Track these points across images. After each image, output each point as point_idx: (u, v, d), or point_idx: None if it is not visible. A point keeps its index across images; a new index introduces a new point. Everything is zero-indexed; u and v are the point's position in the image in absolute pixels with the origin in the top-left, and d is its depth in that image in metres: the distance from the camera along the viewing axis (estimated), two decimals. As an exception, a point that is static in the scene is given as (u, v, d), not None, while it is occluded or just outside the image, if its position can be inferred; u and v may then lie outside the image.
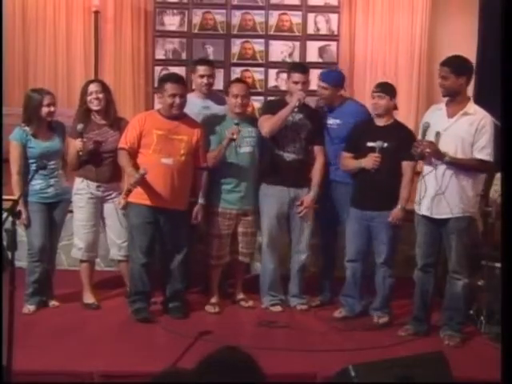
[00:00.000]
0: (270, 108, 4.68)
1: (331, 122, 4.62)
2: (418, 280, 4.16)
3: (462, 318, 4.10)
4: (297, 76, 4.52)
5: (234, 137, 4.37)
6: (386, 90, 4.34)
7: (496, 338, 3.93)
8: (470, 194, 3.97)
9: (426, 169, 4.02)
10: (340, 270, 4.76)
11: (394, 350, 3.76)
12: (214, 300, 4.60)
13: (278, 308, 4.59)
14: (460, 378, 3.02)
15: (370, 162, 4.25)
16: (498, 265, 4.09)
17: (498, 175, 4.45)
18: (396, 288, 4.42)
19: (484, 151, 3.88)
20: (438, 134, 3.95)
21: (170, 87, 4.29)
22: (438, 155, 3.92)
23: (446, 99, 4.06)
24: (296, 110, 4.42)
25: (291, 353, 3.77)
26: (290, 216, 4.62)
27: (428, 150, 3.92)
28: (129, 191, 4.21)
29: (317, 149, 4.60)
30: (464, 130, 3.91)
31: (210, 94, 4.85)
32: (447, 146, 3.93)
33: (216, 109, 4.76)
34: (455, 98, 3.97)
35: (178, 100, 4.28)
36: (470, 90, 6.15)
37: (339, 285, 4.63)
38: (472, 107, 3.97)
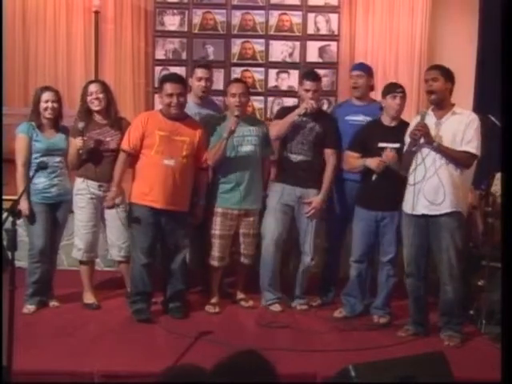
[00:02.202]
0: (281, 114, 4.71)
1: (361, 118, 4.59)
2: (410, 284, 4.14)
3: (460, 318, 4.09)
4: (308, 84, 4.53)
5: (235, 123, 4.35)
6: (404, 91, 4.38)
7: (496, 338, 3.93)
8: (460, 189, 3.98)
9: (424, 151, 4.00)
10: (340, 269, 4.77)
11: (394, 350, 3.75)
12: (214, 300, 4.60)
13: (278, 307, 4.59)
14: (460, 378, 3.01)
15: (375, 163, 4.23)
16: (498, 265, 4.08)
17: (498, 175, 4.45)
18: (395, 288, 4.42)
19: (470, 144, 3.93)
20: (437, 124, 3.99)
21: (168, 87, 4.29)
22: (428, 138, 3.95)
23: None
24: (300, 115, 4.44)
25: (291, 353, 3.76)
26: (295, 216, 4.62)
27: (421, 129, 3.93)
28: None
29: (328, 152, 4.59)
30: (454, 127, 3.96)
31: (205, 101, 4.83)
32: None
33: None
34: (442, 104, 4.03)
35: (175, 99, 4.27)
36: (470, 91, 6.21)
37: (340, 284, 4.63)
38: (458, 108, 4.04)
